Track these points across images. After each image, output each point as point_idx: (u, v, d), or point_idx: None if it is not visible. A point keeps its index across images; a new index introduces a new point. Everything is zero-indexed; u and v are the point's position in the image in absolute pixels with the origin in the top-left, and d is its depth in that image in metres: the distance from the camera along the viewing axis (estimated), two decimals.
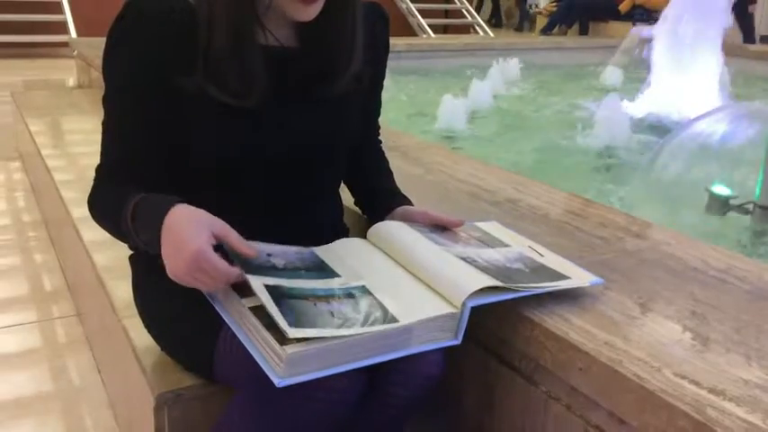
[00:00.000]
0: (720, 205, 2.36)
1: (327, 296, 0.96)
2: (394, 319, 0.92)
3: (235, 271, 0.93)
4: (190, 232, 0.92)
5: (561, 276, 1.10)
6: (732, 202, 2.35)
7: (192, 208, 0.96)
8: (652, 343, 0.98)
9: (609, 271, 1.22)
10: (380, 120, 1.39)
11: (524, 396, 1.14)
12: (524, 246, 1.21)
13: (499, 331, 1.13)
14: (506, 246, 1.20)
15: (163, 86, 1.03)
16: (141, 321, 1.20)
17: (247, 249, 0.96)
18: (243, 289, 0.97)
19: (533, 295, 1.06)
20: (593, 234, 1.40)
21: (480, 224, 1.29)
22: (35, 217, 2.89)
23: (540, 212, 1.54)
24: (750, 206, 2.31)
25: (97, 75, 3.99)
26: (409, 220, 1.21)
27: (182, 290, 1.03)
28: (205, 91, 1.03)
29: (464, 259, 1.08)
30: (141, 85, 1.04)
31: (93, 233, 1.80)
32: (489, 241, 1.21)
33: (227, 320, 0.96)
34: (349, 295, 0.98)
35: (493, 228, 1.28)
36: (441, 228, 1.21)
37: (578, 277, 1.11)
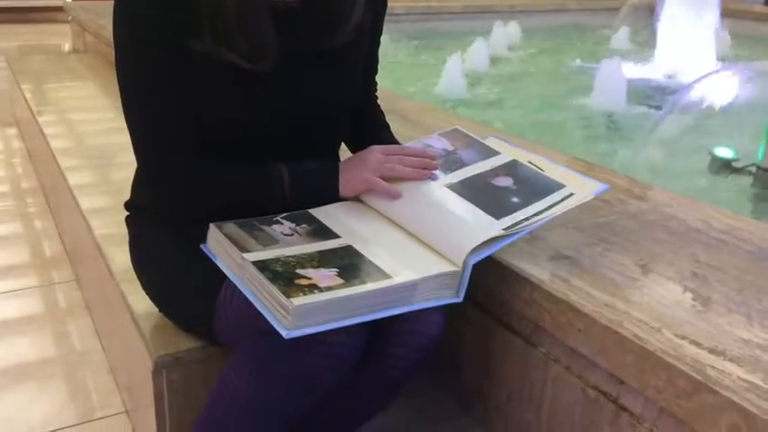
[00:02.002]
0: (722, 167, 2.35)
1: (323, 259, 0.95)
2: (395, 276, 0.92)
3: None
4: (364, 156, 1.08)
5: (549, 191, 1.09)
6: (734, 164, 2.34)
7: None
8: (653, 304, 0.97)
9: (610, 233, 1.21)
10: (379, 84, 1.37)
11: (523, 358, 1.14)
12: (524, 161, 1.19)
13: (498, 293, 1.13)
14: (489, 155, 1.18)
15: (174, 50, 1.01)
16: (139, 284, 1.19)
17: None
18: (244, 244, 0.96)
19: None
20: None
21: (479, 139, 1.26)
22: (33, 183, 2.88)
23: None
24: (752, 168, 2.30)
25: (92, 39, 3.94)
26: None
27: (180, 248, 1.03)
28: (216, 54, 1.01)
29: (451, 188, 1.08)
30: (156, 55, 1.01)
31: (90, 200, 1.80)
32: (470, 150, 1.19)
33: (229, 275, 0.95)
34: (346, 255, 0.97)
35: (492, 143, 1.25)
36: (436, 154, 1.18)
37: (581, 189, 1.10)
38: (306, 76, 1.10)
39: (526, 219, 1.04)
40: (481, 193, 1.08)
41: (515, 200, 1.07)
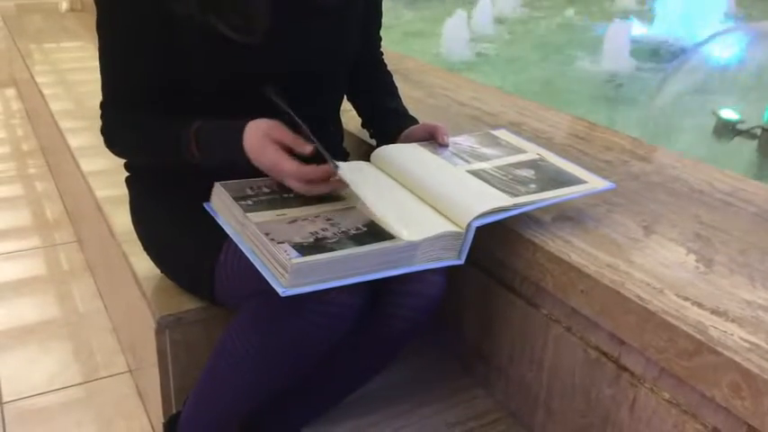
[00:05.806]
0: (727, 130, 2.33)
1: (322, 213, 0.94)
2: (396, 237, 0.91)
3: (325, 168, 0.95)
4: (259, 153, 0.96)
5: (567, 183, 1.09)
6: (739, 126, 2.32)
7: (253, 124, 0.98)
8: (655, 265, 0.97)
9: (613, 194, 1.20)
10: (381, 45, 1.35)
11: (524, 318, 1.14)
12: (533, 153, 1.20)
13: (500, 254, 1.12)
14: (515, 153, 1.19)
15: (157, 11, 0.99)
16: (140, 245, 1.19)
17: (303, 146, 0.96)
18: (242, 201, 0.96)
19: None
20: (597, 158, 1.38)
21: (490, 131, 1.28)
22: (33, 145, 2.87)
23: (543, 136, 1.51)
24: (757, 131, 2.28)
25: None
26: (411, 138, 1.20)
27: (180, 209, 1.02)
28: (202, 21, 0.99)
29: (471, 172, 1.07)
30: (135, 10, 1.00)
31: (91, 162, 1.79)
32: (498, 148, 1.20)
33: (229, 233, 0.95)
34: (348, 213, 0.96)
35: (502, 135, 1.26)
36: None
37: (587, 183, 1.10)
38: (299, 38, 1.08)
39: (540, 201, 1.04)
40: (500, 177, 1.09)
41: (532, 186, 1.07)
